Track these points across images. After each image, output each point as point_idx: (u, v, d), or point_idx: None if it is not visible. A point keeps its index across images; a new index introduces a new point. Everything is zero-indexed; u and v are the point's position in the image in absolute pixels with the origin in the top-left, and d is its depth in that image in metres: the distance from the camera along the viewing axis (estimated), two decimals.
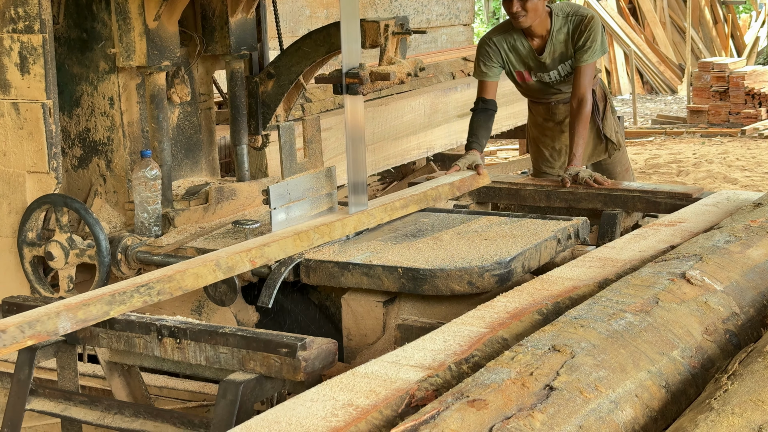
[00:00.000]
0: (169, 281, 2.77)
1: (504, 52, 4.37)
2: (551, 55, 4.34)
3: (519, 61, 4.40)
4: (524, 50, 4.37)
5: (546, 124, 4.64)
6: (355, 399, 1.90)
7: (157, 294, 2.74)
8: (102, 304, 2.62)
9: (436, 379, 2.00)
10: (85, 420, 2.76)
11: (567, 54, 4.34)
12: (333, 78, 3.37)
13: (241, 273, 3.17)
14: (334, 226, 3.31)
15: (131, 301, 2.70)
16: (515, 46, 4.37)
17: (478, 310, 2.45)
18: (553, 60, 4.36)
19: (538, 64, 4.37)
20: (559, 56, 4.35)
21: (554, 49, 4.33)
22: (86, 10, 3.55)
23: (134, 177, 3.44)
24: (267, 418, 1.83)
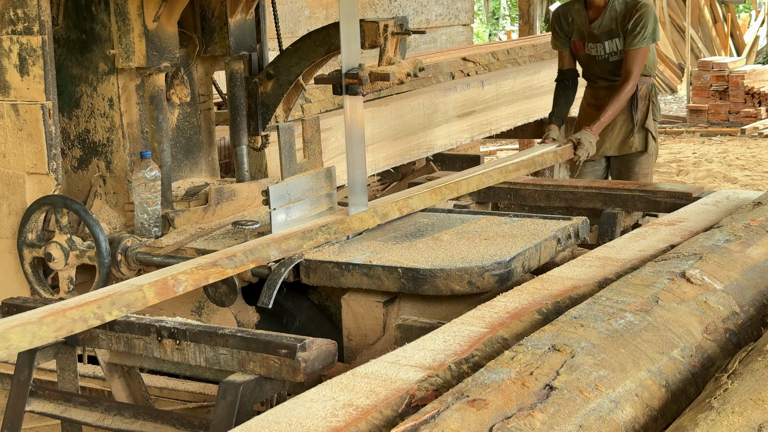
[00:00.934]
0: (342, 223, 3.36)
1: (566, 22, 4.72)
2: (600, 28, 4.59)
3: (576, 30, 4.69)
4: (580, 19, 4.67)
5: (588, 108, 4.83)
6: (355, 399, 1.90)
7: (334, 233, 3.32)
8: (296, 239, 3.22)
9: (436, 379, 2.00)
10: (85, 421, 2.76)
11: (614, 31, 4.57)
12: (332, 78, 3.37)
13: (242, 272, 3.17)
14: (460, 184, 3.84)
15: (316, 237, 3.26)
16: (574, 16, 4.69)
17: (478, 309, 2.45)
18: (602, 33, 4.60)
19: (590, 34, 4.64)
20: (608, 32, 4.59)
21: (604, 23, 4.57)
22: (85, 11, 3.55)
23: (134, 178, 3.44)
24: (267, 418, 1.83)
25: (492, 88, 6.05)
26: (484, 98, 5.96)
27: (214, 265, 2.89)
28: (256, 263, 3.04)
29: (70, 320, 2.50)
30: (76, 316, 2.51)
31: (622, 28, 4.53)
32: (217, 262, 2.90)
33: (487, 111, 6.01)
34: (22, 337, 2.38)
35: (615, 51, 4.61)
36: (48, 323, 2.44)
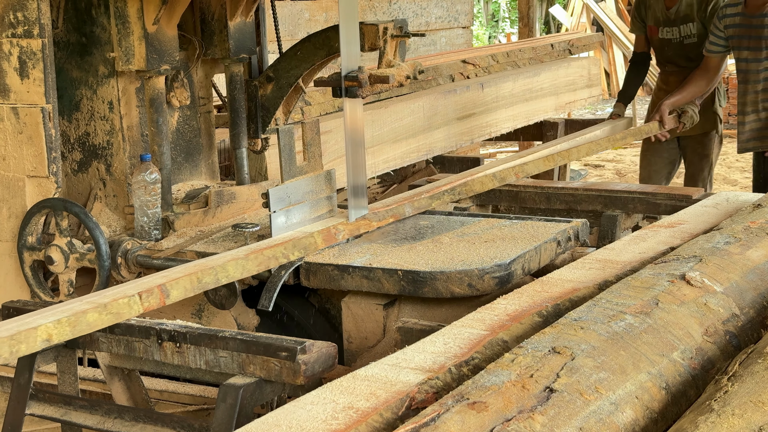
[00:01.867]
0: (465, 186, 3.83)
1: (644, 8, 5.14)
2: (677, 13, 4.98)
3: (652, 16, 5.11)
4: (658, 5, 5.08)
5: (659, 93, 5.22)
6: (355, 402, 1.90)
7: (458, 194, 3.81)
8: (426, 199, 3.67)
9: (437, 381, 2.00)
10: (86, 424, 2.76)
11: (690, 16, 4.96)
12: (332, 81, 3.37)
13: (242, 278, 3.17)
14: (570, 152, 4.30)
15: (443, 197, 3.74)
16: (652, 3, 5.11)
17: (478, 312, 2.45)
18: (677, 18, 4.99)
19: (665, 17, 5.03)
20: (683, 17, 4.98)
21: (681, 8, 4.98)
22: (85, 14, 3.55)
23: (134, 181, 3.44)
24: (267, 421, 1.83)
25: (492, 90, 6.05)
26: (483, 101, 5.96)
27: (364, 218, 3.43)
28: (394, 218, 3.56)
29: (266, 257, 3.04)
30: (270, 255, 3.04)
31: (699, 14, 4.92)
32: (365, 216, 3.44)
33: (486, 113, 6.01)
34: (235, 269, 2.93)
35: (690, 35, 5.00)
36: (252, 259, 2.99)
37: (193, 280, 2.79)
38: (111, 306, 2.58)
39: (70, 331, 2.49)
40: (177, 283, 2.75)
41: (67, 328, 2.48)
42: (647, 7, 5.14)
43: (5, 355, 2.38)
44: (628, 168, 9.15)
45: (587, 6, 14.59)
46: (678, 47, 5.05)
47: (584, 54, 8.22)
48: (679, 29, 5.01)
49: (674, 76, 5.12)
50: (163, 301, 2.70)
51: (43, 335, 2.43)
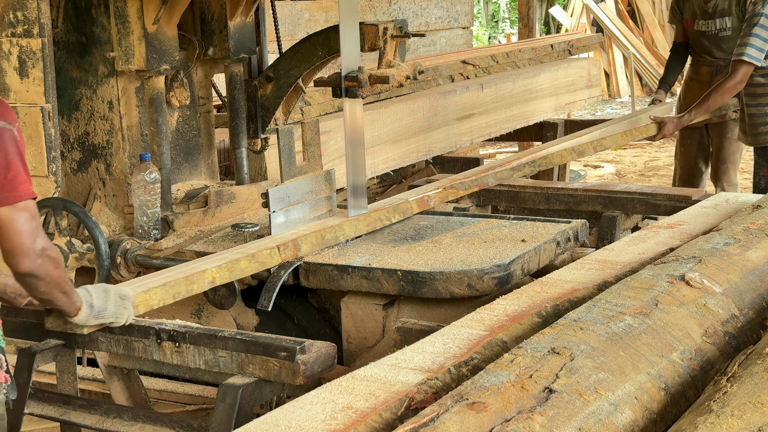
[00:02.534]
0: (545, 158, 4.08)
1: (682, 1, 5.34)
2: (713, 7, 5.15)
3: (689, 9, 5.30)
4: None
5: (690, 82, 5.45)
6: (354, 402, 1.90)
7: (538, 166, 4.12)
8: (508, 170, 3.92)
9: (436, 381, 2.00)
10: (85, 424, 2.76)
11: (727, 11, 5.12)
12: (332, 81, 3.37)
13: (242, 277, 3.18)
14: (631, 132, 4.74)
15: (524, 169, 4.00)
16: None
17: (477, 312, 2.45)
18: (714, 11, 5.15)
19: (702, 10, 5.21)
20: (720, 11, 5.14)
21: (718, 3, 5.13)
22: (85, 14, 3.55)
23: (133, 180, 3.44)
24: (266, 421, 1.83)
25: (491, 91, 6.05)
26: (483, 101, 5.96)
27: (451, 187, 3.72)
28: (478, 187, 3.87)
29: (373, 219, 3.41)
30: (376, 217, 3.42)
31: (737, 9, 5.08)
32: (452, 185, 3.75)
33: (486, 114, 6.01)
34: (350, 228, 3.31)
35: (725, 28, 5.16)
36: (362, 219, 3.36)
37: (318, 236, 3.20)
38: (257, 256, 3.00)
39: (228, 275, 2.91)
40: (306, 239, 3.16)
41: (226, 273, 2.91)
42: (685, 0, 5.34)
43: (182, 293, 2.79)
44: (628, 168, 9.15)
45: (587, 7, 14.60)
46: (713, 39, 5.24)
47: (584, 55, 8.22)
48: (715, 23, 5.19)
49: (706, 67, 5.32)
50: (296, 253, 3.12)
51: (209, 277, 2.86)
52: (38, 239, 2.20)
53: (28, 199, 2.16)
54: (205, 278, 2.85)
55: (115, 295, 2.57)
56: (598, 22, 14.22)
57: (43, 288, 2.30)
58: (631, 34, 14.22)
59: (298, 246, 3.13)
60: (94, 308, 2.52)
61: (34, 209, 2.19)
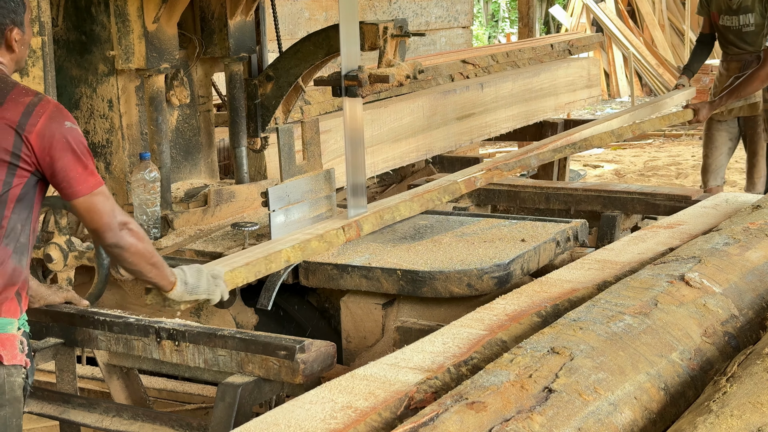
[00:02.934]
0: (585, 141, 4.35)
1: None
2: (738, 3, 5.39)
3: (715, 3, 5.51)
4: None
5: (720, 77, 5.66)
6: (354, 401, 1.90)
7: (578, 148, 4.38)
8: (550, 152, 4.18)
9: (435, 381, 2.00)
10: (84, 422, 2.75)
11: (749, 7, 5.36)
12: (332, 80, 3.37)
13: None
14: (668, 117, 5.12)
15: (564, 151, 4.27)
16: None
17: (477, 312, 2.45)
18: (738, 8, 5.38)
19: (727, 6, 5.43)
20: (744, 7, 5.38)
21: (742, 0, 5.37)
22: (85, 12, 3.55)
23: (133, 179, 3.44)
24: (266, 420, 1.83)
25: (491, 90, 6.04)
26: (483, 101, 5.96)
27: (496, 169, 3.91)
28: (522, 168, 4.01)
29: (426, 200, 3.55)
30: (428, 198, 3.55)
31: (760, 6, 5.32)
32: (497, 166, 3.93)
33: (486, 113, 6.01)
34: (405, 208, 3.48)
35: (748, 24, 5.38)
36: (416, 200, 3.51)
37: (377, 216, 3.37)
38: (325, 236, 3.17)
39: (301, 255, 3.10)
40: (367, 219, 3.34)
41: (299, 252, 3.08)
42: None
43: (262, 271, 2.95)
44: (627, 168, 9.15)
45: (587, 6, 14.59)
46: (737, 33, 5.47)
47: (584, 54, 8.21)
48: (739, 18, 5.42)
49: (735, 62, 5.54)
50: (358, 233, 3.29)
51: (284, 257, 3.03)
52: (117, 215, 2.45)
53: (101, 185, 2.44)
54: (281, 257, 3.01)
55: (208, 273, 2.70)
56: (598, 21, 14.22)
57: (130, 259, 2.49)
58: (631, 34, 14.22)
59: (360, 226, 3.29)
60: (188, 285, 2.64)
61: (107, 191, 2.46)
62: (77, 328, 2.85)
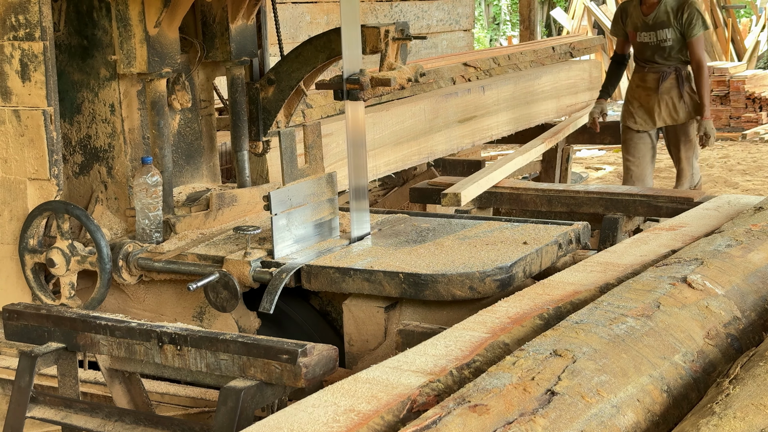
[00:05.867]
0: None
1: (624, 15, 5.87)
2: (654, 19, 5.67)
3: (631, 22, 5.81)
4: (636, 13, 5.77)
5: (637, 89, 5.87)
6: (356, 404, 1.89)
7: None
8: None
9: (438, 384, 1.99)
10: (86, 427, 2.75)
11: (666, 23, 5.65)
12: (334, 84, 3.37)
13: (243, 278, 3.18)
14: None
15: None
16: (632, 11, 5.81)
17: (479, 315, 2.45)
18: (654, 23, 5.67)
19: (643, 23, 5.72)
20: (660, 23, 5.67)
21: (658, 15, 5.66)
22: (87, 17, 3.55)
23: (135, 183, 3.44)
24: (268, 424, 1.83)
25: (493, 93, 6.05)
26: (485, 103, 5.96)
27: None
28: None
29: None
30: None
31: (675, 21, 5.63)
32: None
33: (488, 116, 6.01)
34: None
35: (666, 39, 5.68)
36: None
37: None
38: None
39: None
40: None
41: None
42: (627, 15, 5.86)
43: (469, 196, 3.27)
44: None
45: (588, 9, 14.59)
46: (655, 48, 5.75)
47: (585, 57, 8.22)
48: (656, 34, 5.71)
49: (653, 74, 5.80)
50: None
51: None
52: None
53: None
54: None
55: None
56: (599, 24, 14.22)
57: None
58: None
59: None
60: None
61: None
62: (79, 332, 2.85)
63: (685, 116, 5.79)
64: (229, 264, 3.21)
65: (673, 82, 5.77)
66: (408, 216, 3.72)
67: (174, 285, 3.43)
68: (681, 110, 5.79)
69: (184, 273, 3.33)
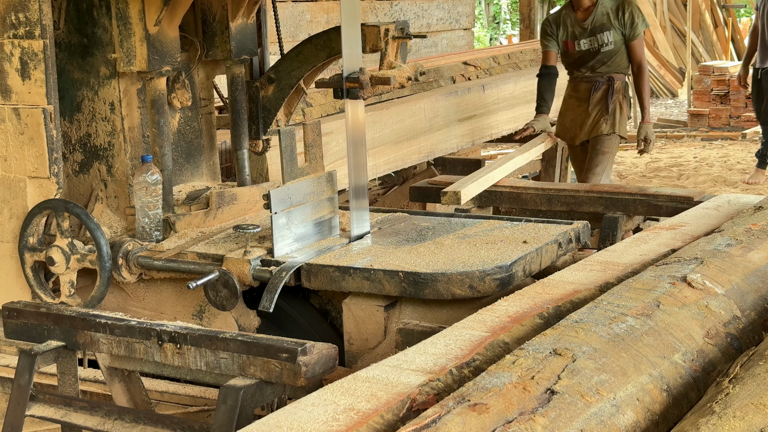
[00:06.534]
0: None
1: (556, 27, 5.48)
2: (593, 23, 5.36)
3: (565, 31, 5.45)
4: (570, 21, 5.43)
5: (569, 100, 5.56)
6: (356, 403, 1.89)
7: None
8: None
9: (437, 383, 1.99)
10: (86, 426, 2.76)
11: (606, 25, 5.35)
12: (334, 82, 3.37)
13: (243, 277, 3.18)
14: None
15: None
16: (564, 21, 5.45)
17: (479, 314, 2.45)
18: (594, 27, 5.36)
19: (581, 30, 5.39)
20: (599, 26, 5.36)
21: (597, 18, 5.35)
22: (87, 15, 3.55)
23: (135, 182, 3.44)
24: (268, 422, 1.83)
25: (493, 92, 6.05)
26: (485, 102, 5.96)
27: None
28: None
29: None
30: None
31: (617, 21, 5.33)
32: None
33: (488, 115, 6.02)
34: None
35: (607, 42, 5.36)
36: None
37: None
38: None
39: None
40: None
41: None
42: (558, 25, 5.47)
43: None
44: (629, 170, 9.14)
45: None
46: (596, 54, 5.41)
47: None
48: (597, 38, 5.38)
49: (585, 83, 5.48)
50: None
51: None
52: None
53: None
54: None
55: None
56: None
57: None
58: None
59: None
60: None
61: None
62: (79, 331, 2.85)
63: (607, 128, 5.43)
64: (229, 262, 3.21)
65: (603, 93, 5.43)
66: (408, 215, 3.72)
67: (174, 283, 3.44)
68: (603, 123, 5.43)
69: (183, 271, 3.33)
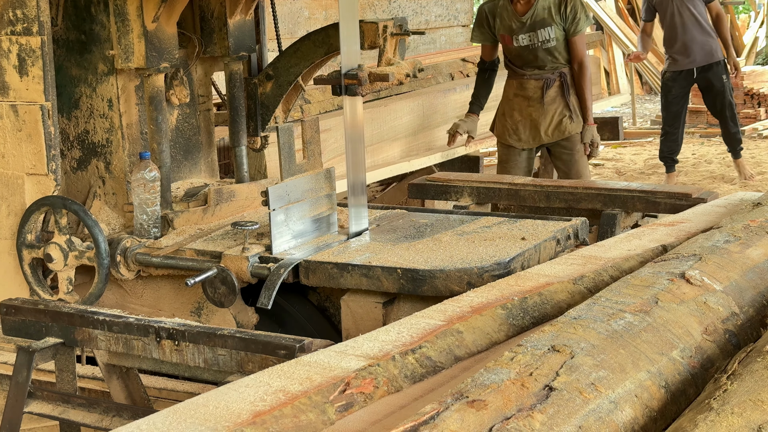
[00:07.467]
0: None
1: (491, 17, 5.09)
2: (533, 18, 4.99)
3: (502, 25, 5.07)
4: (507, 14, 5.05)
5: (515, 99, 5.19)
6: (288, 385, 1.91)
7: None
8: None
9: (377, 368, 2.00)
10: (84, 422, 2.75)
11: (547, 21, 4.99)
12: (332, 79, 3.37)
13: (241, 274, 3.18)
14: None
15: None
16: (500, 12, 5.07)
17: (443, 303, 2.44)
18: (534, 23, 4.99)
19: (519, 24, 5.02)
20: (540, 21, 5.00)
21: (537, 13, 4.99)
22: (85, 12, 3.55)
23: (133, 179, 3.44)
24: (197, 401, 1.84)
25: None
26: None
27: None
28: None
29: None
30: None
31: (558, 18, 5.01)
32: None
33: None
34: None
35: (548, 39, 5.02)
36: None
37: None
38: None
39: None
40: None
41: None
42: (495, 18, 5.10)
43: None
44: (628, 166, 9.15)
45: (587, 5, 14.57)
46: (537, 51, 5.05)
47: None
48: (537, 34, 5.01)
49: (534, 81, 5.12)
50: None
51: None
52: None
53: None
54: None
55: None
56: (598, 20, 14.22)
57: None
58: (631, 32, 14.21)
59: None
60: None
61: None
62: (77, 328, 2.85)
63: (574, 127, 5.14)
64: (227, 259, 3.21)
65: (557, 90, 5.11)
66: (406, 212, 3.72)
67: (172, 280, 3.43)
68: (568, 122, 5.12)
69: (182, 268, 3.33)
